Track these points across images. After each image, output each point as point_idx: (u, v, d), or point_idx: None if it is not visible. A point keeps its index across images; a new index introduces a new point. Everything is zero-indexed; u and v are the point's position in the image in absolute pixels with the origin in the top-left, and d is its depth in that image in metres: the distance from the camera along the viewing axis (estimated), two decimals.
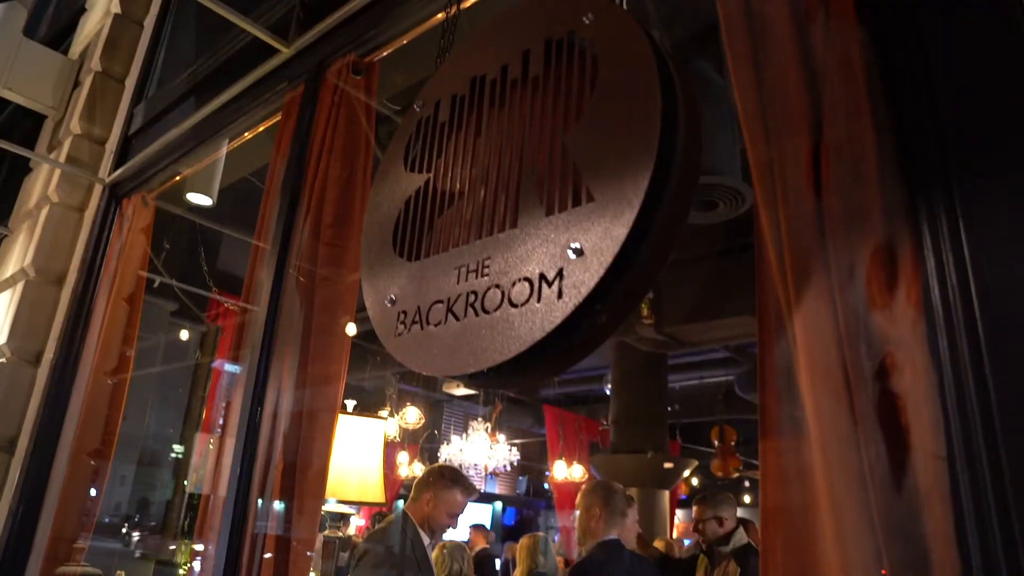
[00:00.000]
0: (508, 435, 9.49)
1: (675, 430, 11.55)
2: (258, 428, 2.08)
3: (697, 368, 10.93)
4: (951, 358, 0.98)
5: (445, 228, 1.43)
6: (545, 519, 15.63)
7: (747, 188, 3.67)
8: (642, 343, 7.49)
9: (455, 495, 2.77)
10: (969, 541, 0.93)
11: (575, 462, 9.52)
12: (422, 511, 2.71)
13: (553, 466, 9.56)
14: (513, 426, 11.36)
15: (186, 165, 3.55)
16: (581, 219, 1.17)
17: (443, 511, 2.71)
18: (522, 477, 15.69)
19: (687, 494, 12.84)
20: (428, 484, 2.76)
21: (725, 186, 3.52)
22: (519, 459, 9.38)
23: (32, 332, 3.61)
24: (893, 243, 1.09)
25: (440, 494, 2.72)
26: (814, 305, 1.12)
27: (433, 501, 2.71)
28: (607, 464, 8.38)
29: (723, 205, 3.67)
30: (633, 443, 8.06)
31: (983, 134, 1.07)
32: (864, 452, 1.01)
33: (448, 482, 2.76)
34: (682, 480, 10.46)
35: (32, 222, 3.90)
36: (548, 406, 10.84)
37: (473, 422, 8.53)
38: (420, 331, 1.34)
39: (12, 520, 3.18)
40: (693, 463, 9.32)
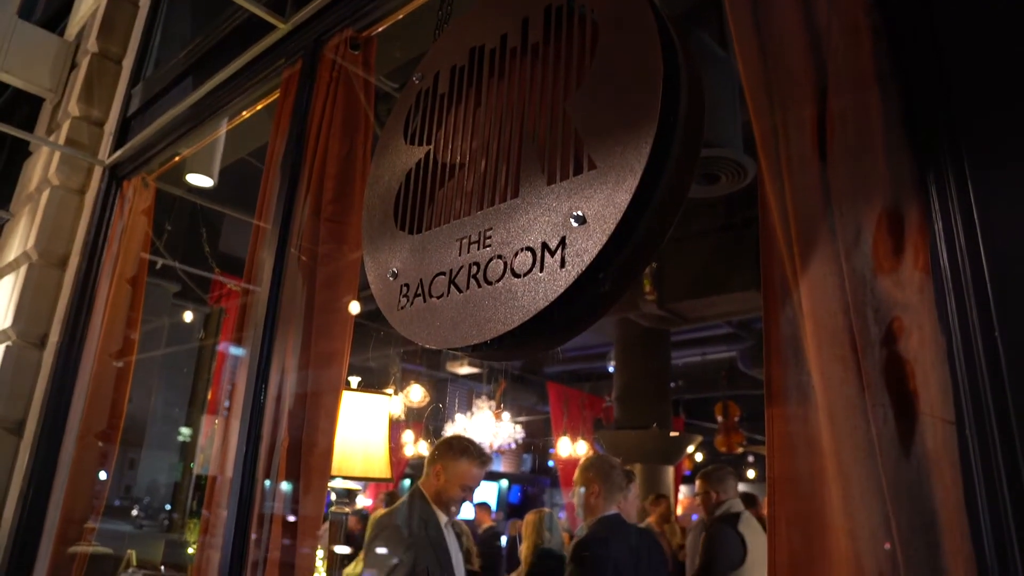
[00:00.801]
0: (512, 413, 9.52)
1: (679, 406, 11.59)
2: (263, 407, 2.09)
3: (700, 344, 10.95)
4: (960, 321, 0.97)
5: (446, 200, 1.42)
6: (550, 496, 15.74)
7: (749, 161, 3.65)
8: (645, 319, 7.50)
9: (466, 466, 2.71)
10: (979, 506, 0.92)
11: (579, 439, 9.56)
12: (433, 485, 2.67)
13: (557, 443, 9.60)
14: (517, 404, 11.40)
15: (185, 146, 3.53)
16: (583, 187, 1.16)
17: (455, 484, 2.66)
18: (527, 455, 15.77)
19: (691, 470, 12.91)
20: (437, 457, 2.71)
21: (727, 159, 3.49)
22: (523, 437, 9.42)
23: (36, 315, 3.61)
24: (900, 207, 1.07)
25: (450, 466, 2.67)
26: (820, 271, 1.11)
27: (443, 474, 2.66)
28: (611, 440, 8.42)
29: (725, 178, 3.65)
30: (637, 419, 8.10)
31: (993, 96, 1.05)
32: (872, 418, 1.00)
33: (457, 453, 2.71)
34: (686, 456, 10.51)
35: (33, 205, 3.89)
36: (552, 383, 10.87)
37: (477, 400, 8.56)
38: (423, 304, 1.33)
39: (23, 501, 3.20)
40: (697, 438, 9.37)
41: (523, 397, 11.97)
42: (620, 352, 8.69)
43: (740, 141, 3.59)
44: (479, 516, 8.45)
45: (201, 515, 2.31)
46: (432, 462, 2.70)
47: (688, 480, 13.22)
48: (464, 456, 2.69)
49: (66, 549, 3.06)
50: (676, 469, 9.58)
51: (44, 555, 3.07)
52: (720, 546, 3.82)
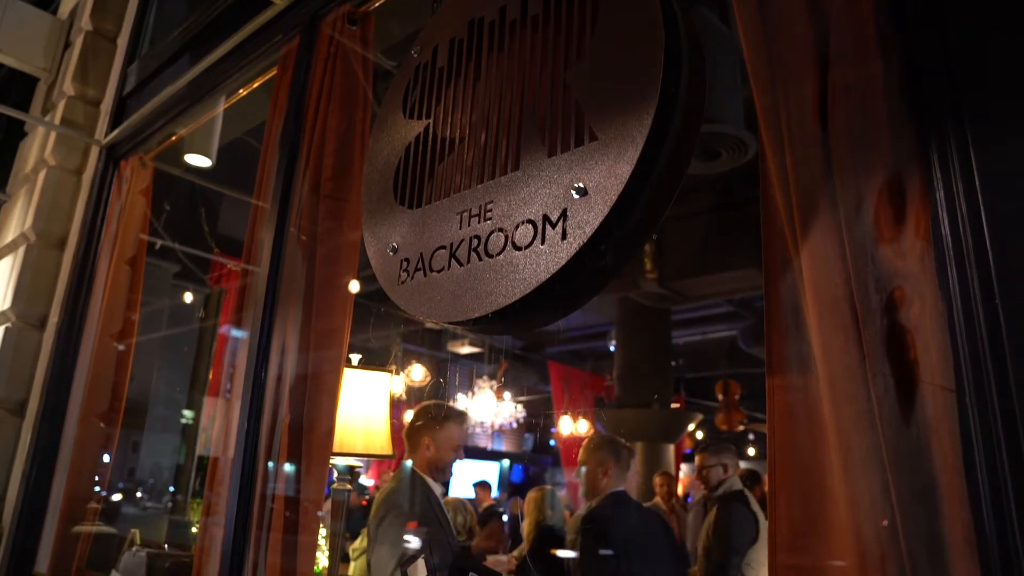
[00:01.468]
0: (513, 392, 9.56)
1: (679, 384, 11.63)
2: (263, 386, 2.09)
3: (701, 323, 10.96)
4: (961, 290, 0.97)
5: (446, 174, 1.42)
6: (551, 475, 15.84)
7: (750, 137, 3.63)
8: (645, 298, 7.50)
9: (452, 428, 2.77)
10: (978, 472, 0.93)
11: (580, 418, 9.61)
12: (425, 457, 2.70)
13: (559, 422, 9.65)
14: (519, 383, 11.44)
15: (182, 125, 3.51)
16: (584, 158, 1.16)
17: (446, 448, 2.71)
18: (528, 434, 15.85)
19: (692, 448, 12.98)
20: (422, 429, 2.75)
21: (728, 134, 3.47)
22: (525, 416, 9.46)
23: (36, 296, 3.61)
24: (901, 176, 1.07)
25: (437, 434, 2.72)
26: (821, 242, 1.11)
27: (432, 443, 2.70)
28: (612, 419, 8.45)
29: (726, 154, 3.62)
30: (638, 397, 8.13)
31: (996, 65, 1.04)
32: (872, 386, 1.01)
33: (440, 420, 2.76)
34: (687, 434, 10.56)
35: (30, 186, 3.88)
36: (553, 362, 10.90)
37: (479, 380, 8.59)
38: (423, 278, 1.33)
39: (26, 482, 3.22)
40: (698, 416, 9.41)
41: (524, 376, 12.01)
42: (621, 331, 8.71)
43: (741, 117, 3.57)
44: (480, 495, 8.51)
45: (203, 495, 2.32)
46: (417, 436, 2.73)
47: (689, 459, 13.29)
48: (448, 420, 2.75)
49: (70, 528, 3.08)
50: (677, 447, 9.63)
51: (48, 534, 3.10)
52: (735, 524, 3.82)
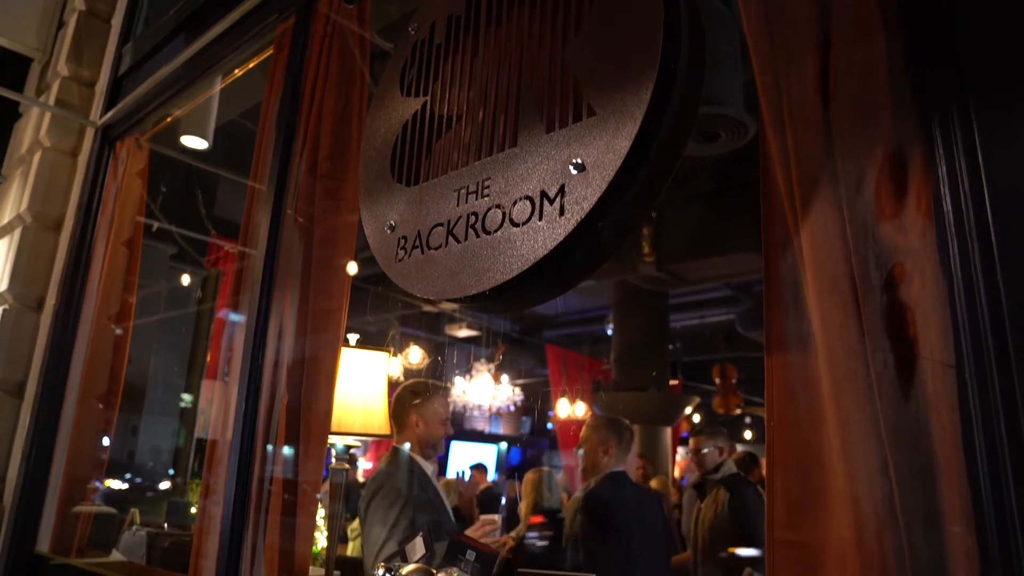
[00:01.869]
0: (511, 376, 9.58)
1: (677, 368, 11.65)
2: (261, 366, 2.09)
3: (698, 307, 10.97)
4: (962, 265, 0.97)
5: (443, 151, 1.41)
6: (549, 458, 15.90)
7: (750, 118, 3.61)
8: (643, 281, 7.50)
9: (437, 404, 2.80)
10: (976, 447, 0.93)
11: (578, 400, 9.63)
12: (415, 435, 2.72)
13: (556, 404, 9.68)
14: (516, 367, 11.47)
15: (178, 105, 3.49)
16: (582, 134, 1.15)
17: (435, 423, 2.73)
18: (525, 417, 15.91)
19: (688, 431, 13.04)
20: (409, 408, 2.76)
21: (727, 116, 3.46)
22: (522, 399, 9.48)
23: (33, 278, 3.60)
24: (903, 152, 1.06)
25: (423, 412, 2.74)
26: (821, 218, 1.10)
27: (420, 420, 2.72)
28: (610, 402, 8.48)
29: (725, 136, 3.61)
30: (635, 381, 8.15)
31: (1000, 39, 1.03)
32: (871, 363, 1.00)
33: (425, 397, 2.78)
34: (683, 418, 10.60)
35: (25, 168, 3.85)
36: (551, 345, 10.91)
37: (476, 363, 8.60)
38: (420, 255, 1.33)
39: (26, 462, 3.22)
40: (695, 400, 9.44)
41: (522, 360, 12.04)
42: (619, 314, 8.72)
43: (741, 98, 3.55)
44: (476, 477, 8.55)
45: (202, 477, 2.32)
46: (403, 415, 2.74)
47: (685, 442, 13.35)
48: (432, 396, 2.77)
49: (71, 508, 3.09)
50: (674, 431, 9.67)
51: (49, 513, 3.11)
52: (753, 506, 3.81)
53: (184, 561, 2.27)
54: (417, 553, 1.95)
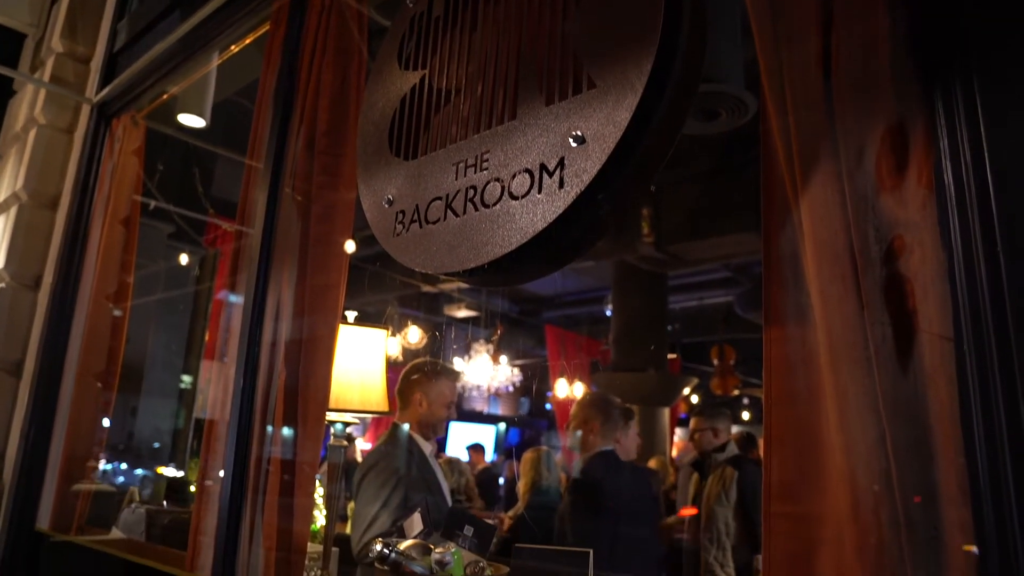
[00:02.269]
0: (510, 356, 9.59)
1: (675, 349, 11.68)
2: (259, 343, 2.09)
3: (697, 288, 10.97)
4: (962, 238, 0.96)
5: (442, 125, 1.39)
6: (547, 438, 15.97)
7: (751, 97, 3.59)
8: (642, 262, 7.49)
9: (445, 384, 2.76)
10: (974, 420, 0.93)
11: (576, 381, 9.66)
12: (417, 414, 2.70)
13: (555, 385, 9.71)
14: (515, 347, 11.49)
15: (175, 82, 3.46)
16: (582, 106, 1.14)
17: (439, 404, 2.70)
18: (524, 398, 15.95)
19: (686, 412, 13.08)
20: (414, 385, 2.74)
21: (728, 94, 3.43)
22: (521, 380, 9.51)
23: (29, 256, 3.59)
24: (905, 124, 1.05)
25: (430, 390, 2.71)
26: (821, 191, 1.10)
27: (425, 399, 2.69)
28: (608, 382, 8.50)
29: (726, 114, 3.59)
30: (634, 361, 8.16)
31: (1005, 10, 1.02)
32: (870, 335, 1.00)
33: (432, 376, 2.75)
34: (682, 399, 10.63)
35: (21, 145, 3.83)
36: (549, 326, 10.93)
37: (475, 344, 8.62)
38: (419, 229, 1.32)
39: (25, 440, 3.23)
40: (693, 380, 9.47)
41: (520, 340, 12.05)
42: (617, 295, 8.72)
43: (742, 76, 3.52)
44: (474, 458, 8.59)
45: (200, 455, 2.33)
46: (409, 392, 2.72)
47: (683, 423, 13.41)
48: (441, 376, 2.74)
49: (70, 486, 3.10)
50: (672, 411, 9.71)
51: (49, 491, 3.12)
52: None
53: (183, 539, 2.28)
54: (415, 529, 1.96)
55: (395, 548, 1.66)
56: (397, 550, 1.66)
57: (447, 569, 1.64)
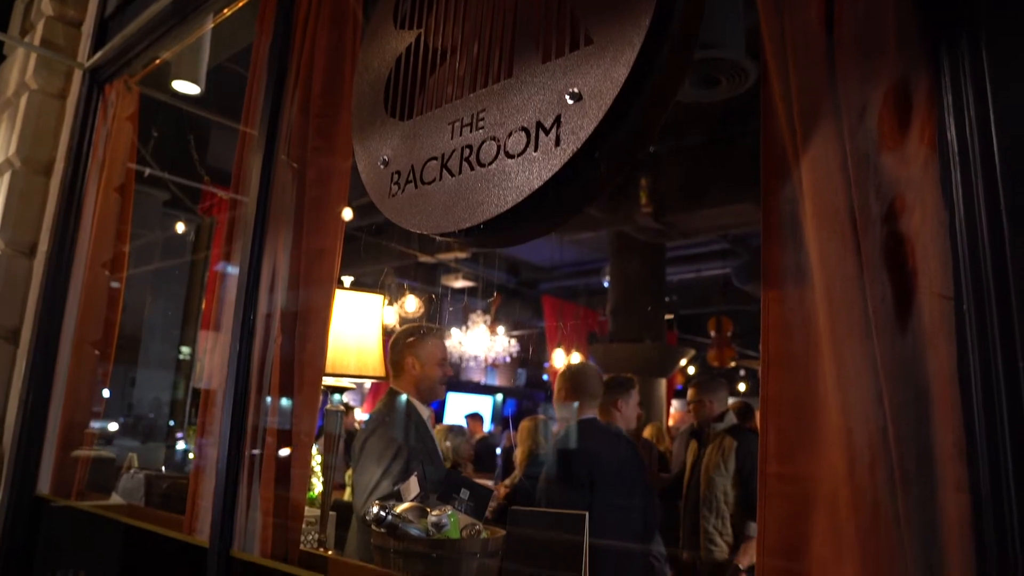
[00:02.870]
0: (507, 327, 9.61)
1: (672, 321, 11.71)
2: (255, 307, 2.08)
3: (695, 260, 10.97)
4: (964, 196, 0.95)
5: (438, 85, 1.37)
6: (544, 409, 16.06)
7: (751, 63, 3.55)
8: (640, 232, 7.47)
9: (433, 344, 2.76)
10: (972, 379, 0.92)
11: (574, 351, 9.69)
12: (412, 377, 2.70)
13: (552, 355, 9.74)
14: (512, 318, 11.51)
15: (167, 48, 3.40)
16: (579, 63, 1.12)
17: (431, 364, 2.70)
18: (521, 369, 16.01)
19: (683, 384, 13.14)
20: (404, 351, 2.73)
21: (728, 60, 3.39)
22: (518, 351, 9.53)
23: (24, 223, 3.56)
24: (908, 82, 1.03)
25: (420, 353, 2.71)
26: (822, 150, 1.08)
27: (417, 362, 2.69)
28: (605, 353, 8.53)
29: (725, 81, 3.55)
30: (631, 332, 8.18)
31: None
32: (869, 295, 0.99)
33: (419, 338, 2.75)
34: (678, 370, 10.68)
35: (12, 111, 3.78)
36: (547, 296, 10.93)
37: (472, 315, 8.62)
38: (414, 190, 1.31)
39: (23, 408, 3.23)
40: (690, 352, 9.49)
41: (518, 311, 12.06)
42: (615, 266, 8.71)
43: (742, 42, 3.47)
44: (472, 426, 8.63)
45: (198, 420, 2.33)
46: (400, 359, 2.71)
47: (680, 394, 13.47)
48: (427, 337, 2.74)
49: (69, 453, 3.11)
50: (669, 383, 9.74)
51: (48, 458, 3.13)
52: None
53: (181, 504, 2.29)
54: (412, 493, 1.97)
55: (392, 511, 1.67)
56: (394, 512, 1.67)
57: (443, 531, 1.65)
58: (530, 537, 1.70)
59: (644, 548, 3.54)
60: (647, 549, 3.58)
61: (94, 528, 2.74)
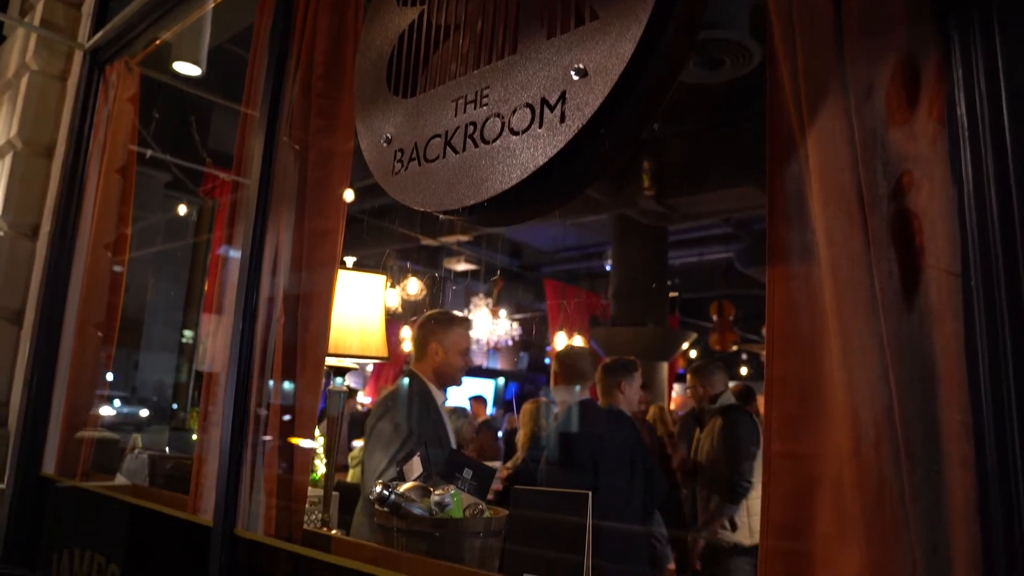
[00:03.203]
0: (509, 310, 9.60)
1: (675, 305, 11.70)
2: (257, 288, 2.07)
3: (697, 244, 10.95)
4: (973, 171, 0.94)
5: (441, 62, 1.36)
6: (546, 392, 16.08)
7: (755, 44, 3.52)
8: (643, 216, 7.45)
9: (460, 333, 2.74)
10: (979, 356, 0.92)
11: (576, 334, 9.69)
12: (433, 363, 2.68)
13: (554, 338, 9.74)
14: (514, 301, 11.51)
15: (168, 28, 3.38)
16: (584, 39, 1.10)
17: (454, 352, 2.68)
18: (523, 352, 16.03)
19: (685, 368, 13.16)
20: (429, 335, 2.72)
21: (732, 41, 3.37)
22: (520, 334, 9.53)
23: (26, 205, 3.55)
24: (918, 56, 1.02)
25: (444, 339, 2.69)
26: (829, 126, 1.07)
27: (441, 349, 2.67)
28: (607, 336, 8.53)
29: (729, 62, 3.53)
30: (633, 316, 8.18)
31: None
32: (876, 272, 0.99)
33: (447, 324, 2.73)
34: (680, 354, 10.68)
35: (13, 92, 3.76)
36: (549, 279, 10.92)
37: (474, 298, 8.62)
38: (418, 168, 1.30)
39: (28, 389, 3.24)
40: (692, 336, 9.50)
41: (520, 294, 12.06)
42: (618, 249, 8.70)
43: (747, 23, 3.45)
44: (475, 408, 8.66)
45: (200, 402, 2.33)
46: (424, 342, 2.70)
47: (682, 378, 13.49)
48: (454, 325, 2.73)
49: (73, 434, 3.13)
50: (671, 366, 9.75)
51: (53, 438, 3.14)
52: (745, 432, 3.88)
53: (185, 485, 2.30)
54: (415, 472, 1.97)
55: (395, 490, 1.68)
56: (397, 492, 1.67)
57: (446, 511, 1.66)
58: (533, 517, 1.71)
59: (646, 530, 3.56)
60: (649, 531, 3.60)
61: (99, 508, 2.75)
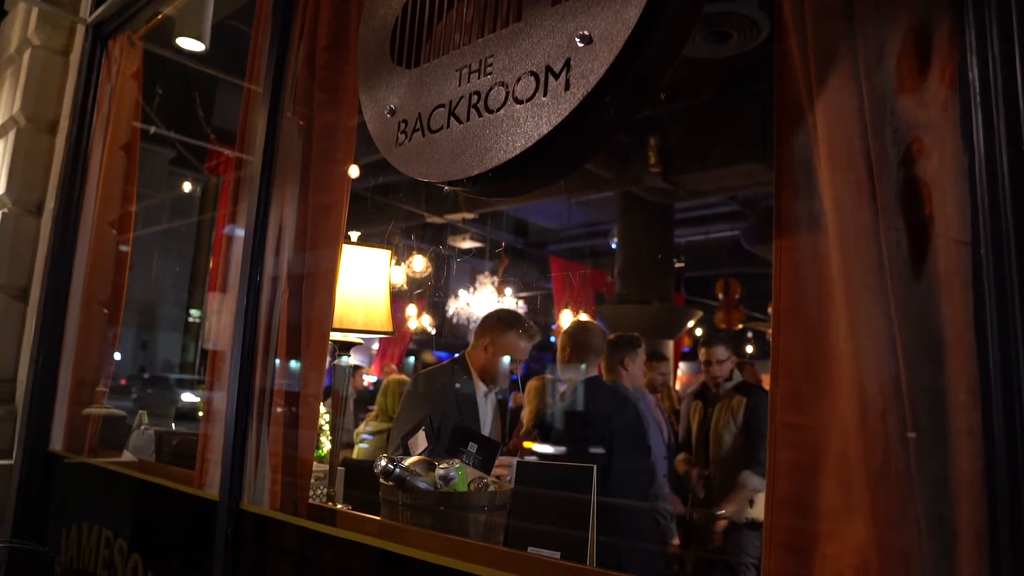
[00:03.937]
0: (514, 288, 9.58)
1: (680, 283, 11.68)
2: (262, 263, 2.07)
3: (704, 222, 10.90)
4: (985, 138, 0.92)
5: (445, 31, 1.34)
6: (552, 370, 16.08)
7: (763, 17, 3.47)
8: (649, 193, 7.41)
9: (514, 339, 2.71)
10: (988, 325, 0.91)
11: (581, 313, 9.67)
12: (480, 357, 2.68)
13: (559, 316, 9.73)
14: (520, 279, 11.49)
15: (169, 2, 3.36)
16: (589, 5, 1.08)
17: (501, 355, 2.67)
18: None
19: (690, 346, 13.14)
20: (485, 329, 2.72)
21: (739, 14, 3.32)
22: (526, 312, 9.52)
23: (30, 182, 3.55)
24: (930, 20, 1.00)
25: (498, 339, 2.68)
26: (838, 94, 1.05)
27: (491, 347, 2.67)
28: (613, 314, 8.52)
29: (737, 36, 3.48)
30: (639, 294, 8.16)
31: None
32: (884, 241, 0.97)
33: (505, 326, 2.72)
34: (686, 332, 10.67)
35: (15, 68, 3.74)
36: (554, 257, 10.90)
37: (480, 276, 8.60)
38: (421, 138, 1.28)
39: (35, 366, 3.26)
40: (697, 314, 9.48)
41: (525, 272, 12.04)
42: (623, 227, 8.67)
43: None
44: None
45: (206, 378, 2.34)
46: (480, 335, 2.70)
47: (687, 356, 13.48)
48: (512, 329, 2.70)
49: (80, 411, 3.14)
50: (676, 344, 9.75)
51: (60, 415, 3.16)
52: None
53: (191, 461, 2.31)
54: (420, 446, 1.98)
55: (400, 464, 1.68)
56: (401, 465, 1.68)
57: (451, 484, 1.66)
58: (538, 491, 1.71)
59: (651, 505, 3.58)
60: (654, 506, 3.62)
61: (107, 483, 2.78)
